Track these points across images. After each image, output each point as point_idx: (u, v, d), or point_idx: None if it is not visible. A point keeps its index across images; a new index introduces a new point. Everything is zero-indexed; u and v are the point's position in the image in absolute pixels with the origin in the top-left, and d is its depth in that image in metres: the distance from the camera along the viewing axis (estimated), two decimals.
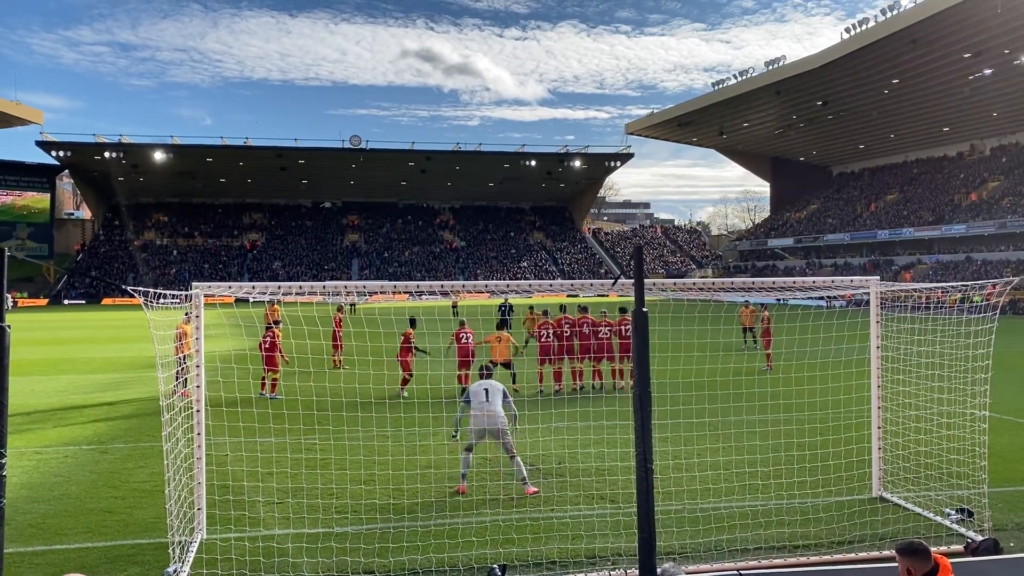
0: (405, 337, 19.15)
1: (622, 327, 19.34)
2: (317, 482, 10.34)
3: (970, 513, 8.85)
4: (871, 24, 63.48)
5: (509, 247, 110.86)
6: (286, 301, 11.05)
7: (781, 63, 75.37)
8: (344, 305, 24.51)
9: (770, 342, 22.93)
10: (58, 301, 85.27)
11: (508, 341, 19.02)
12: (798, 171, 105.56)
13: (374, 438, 12.40)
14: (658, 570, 5.55)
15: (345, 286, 9.13)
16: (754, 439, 12.95)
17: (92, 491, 10.66)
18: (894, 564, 4.77)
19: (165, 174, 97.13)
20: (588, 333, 19.22)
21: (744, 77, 79.78)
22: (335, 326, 23.72)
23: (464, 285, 9.19)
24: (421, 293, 9.28)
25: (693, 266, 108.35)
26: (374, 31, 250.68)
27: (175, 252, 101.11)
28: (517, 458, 10.55)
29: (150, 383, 19.84)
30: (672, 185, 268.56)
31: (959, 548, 8.10)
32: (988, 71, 63.62)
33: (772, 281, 9.72)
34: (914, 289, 10.96)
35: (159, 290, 8.05)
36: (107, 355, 29.36)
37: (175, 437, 8.00)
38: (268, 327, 18.91)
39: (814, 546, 8.34)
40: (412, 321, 20.12)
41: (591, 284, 9.37)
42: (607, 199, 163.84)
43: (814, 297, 22.10)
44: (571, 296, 19.77)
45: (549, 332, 19.27)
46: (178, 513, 7.72)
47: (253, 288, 9.02)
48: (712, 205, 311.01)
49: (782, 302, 38.63)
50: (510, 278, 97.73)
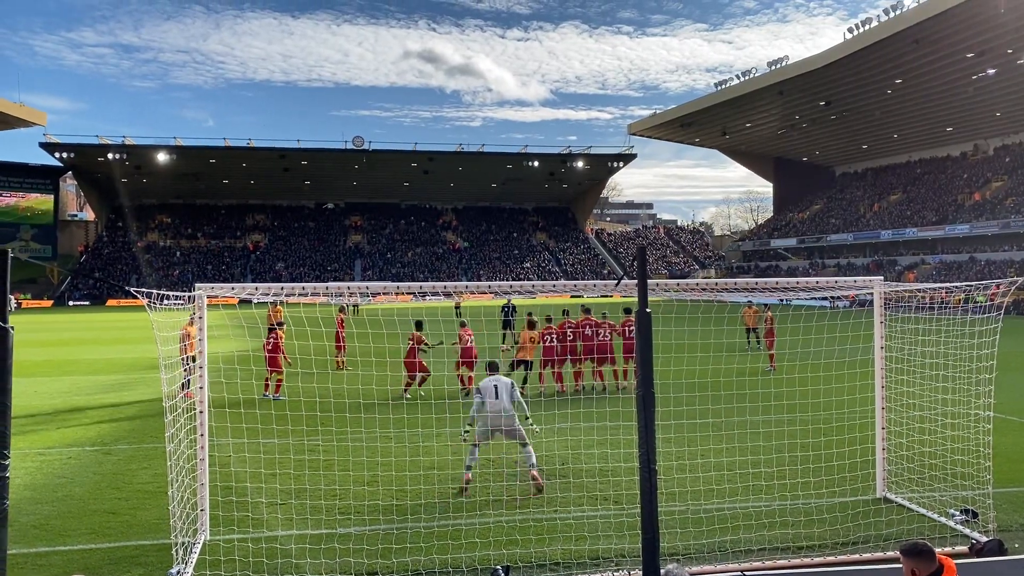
0: (414, 340, 18.87)
1: (626, 328, 19.39)
2: (320, 483, 10.34)
3: (974, 514, 8.83)
4: (874, 24, 63.42)
5: (512, 248, 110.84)
6: (289, 302, 11.05)
7: (784, 63, 75.33)
8: (347, 306, 24.53)
9: (773, 343, 22.90)
10: (63, 302, 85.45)
11: (537, 343, 19.13)
12: (801, 171, 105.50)
13: (377, 439, 12.42)
14: (662, 571, 5.55)
15: (348, 287, 9.13)
16: (758, 440, 12.94)
17: (95, 492, 10.67)
18: (898, 565, 4.76)
19: (168, 175, 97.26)
20: (591, 335, 19.24)
21: (747, 77, 79.75)
22: (337, 327, 23.68)
23: (467, 286, 9.18)
24: (424, 294, 9.27)
25: (696, 267, 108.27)
26: (376, 32, 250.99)
27: (178, 253, 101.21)
28: (529, 447, 10.69)
29: (153, 384, 19.86)
30: (675, 186, 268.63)
31: (964, 549, 8.09)
32: (991, 71, 63.53)
33: (775, 281, 9.71)
34: (918, 289, 10.94)
35: (162, 291, 8.06)
36: (110, 356, 29.39)
37: (178, 438, 8.01)
38: (271, 328, 18.90)
39: (818, 547, 8.33)
40: (419, 324, 19.86)
41: (595, 285, 9.36)
42: (610, 200, 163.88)
43: (817, 297, 22.06)
44: (575, 296, 19.70)
45: (552, 337, 19.28)
46: (181, 514, 7.73)
47: (256, 289, 9.02)
48: (715, 205, 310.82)
49: (785, 302, 38.59)
50: (513, 279, 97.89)
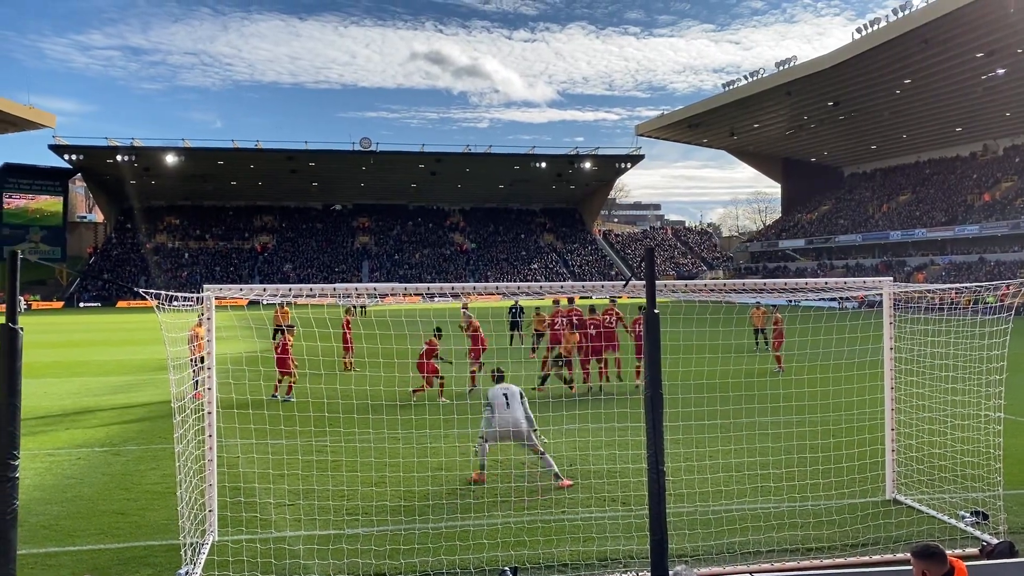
0: (429, 346, 18.50)
1: (637, 326, 19.39)
2: (328, 484, 10.35)
3: (985, 516, 8.79)
4: (882, 24, 63.25)
5: (519, 249, 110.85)
6: (297, 304, 11.07)
7: (792, 64, 75.19)
8: (354, 307, 24.50)
9: (781, 344, 22.83)
10: (73, 304, 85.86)
11: (575, 341, 19.13)
12: (809, 172, 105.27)
13: (385, 440, 12.42)
14: (670, 573, 5.53)
15: (356, 288, 9.14)
16: (766, 441, 12.90)
17: (104, 493, 10.70)
18: (908, 567, 4.74)
19: (177, 177, 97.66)
20: (597, 334, 19.24)
21: (755, 78, 79.64)
22: (344, 328, 23.60)
23: (475, 287, 9.18)
24: (432, 295, 9.27)
25: (704, 268, 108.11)
26: (383, 34, 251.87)
27: (186, 255, 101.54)
28: (546, 455, 10.85)
29: (162, 385, 19.91)
30: (682, 186, 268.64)
31: (974, 551, 8.04)
32: (1001, 71, 63.27)
33: (784, 282, 9.67)
34: (928, 290, 10.89)
35: (171, 293, 8.09)
36: (120, 357, 29.49)
37: (187, 439, 8.02)
38: (280, 329, 18.88)
39: (827, 549, 8.29)
40: (438, 331, 19.59)
41: (602, 286, 9.35)
42: (617, 201, 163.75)
43: (826, 298, 22.00)
44: (584, 298, 19.71)
45: (561, 321, 19.43)
46: (190, 515, 7.74)
47: (264, 291, 9.03)
48: (723, 206, 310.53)
49: (794, 303, 38.50)
50: (520, 280, 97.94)
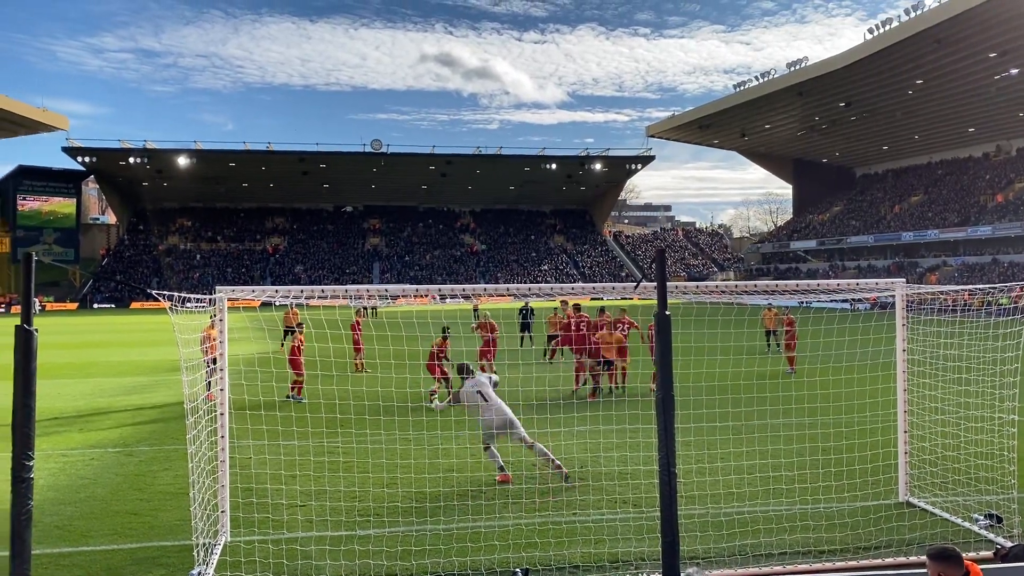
0: (436, 346, 18.17)
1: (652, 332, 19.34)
2: (340, 485, 10.38)
3: (999, 518, 8.74)
4: (894, 24, 62.95)
5: (530, 250, 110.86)
6: (310, 305, 11.11)
7: (803, 64, 74.94)
8: (365, 308, 24.51)
9: (793, 345, 22.72)
10: (87, 305, 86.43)
11: (620, 343, 19.06)
12: (821, 173, 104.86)
13: (396, 441, 12.44)
14: (682, 575, 5.53)
15: (367, 290, 9.16)
16: (778, 443, 12.84)
17: (117, 493, 10.76)
18: (921, 570, 4.72)
19: (189, 179, 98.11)
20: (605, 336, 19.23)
21: (766, 79, 79.41)
22: (354, 329, 23.57)
23: (485, 288, 9.20)
24: (443, 297, 9.29)
25: (715, 269, 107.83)
26: (393, 36, 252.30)
27: (198, 256, 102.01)
28: (538, 444, 10.74)
29: (175, 386, 20.01)
30: (693, 188, 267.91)
31: (988, 554, 7.99)
32: (1014, 71, 62.85)
33: (795, 284, 9.64)
34: (940, 291, 10.84)
35: (183, 294, 8.13)
36: (133, 358, 29.64)
37: (199, 440, 8.05)
38: (291, 330, 18.92)
39: (839, 551, 8.25)
40: (445, 330, 19.48)
41: (613, 287, 9.34)
42: (628, 202, 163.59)
43: (838, 300, 21.89)
44: (595, 299, 19.69)
45: (572, 324, 19.49)
46: (202, 515, 7.77)
47: (276, 292, 9.07)
48: (733, 207, 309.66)
49: (805, 305, 38.35)
50: (531, 281, 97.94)
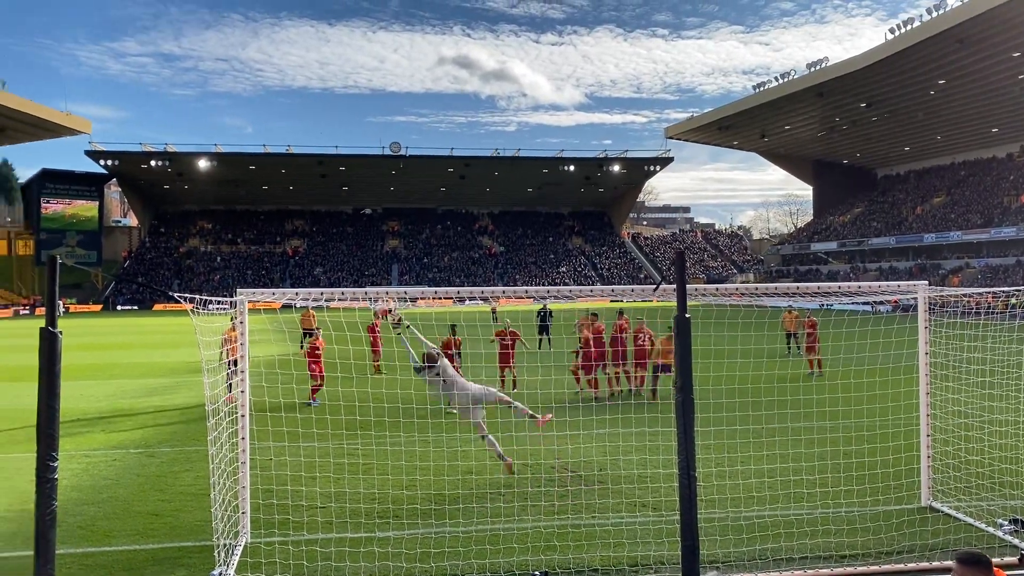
0: (445, 346, 18.55)
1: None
2: (359, 487, 10.40)
3: (1023, 524, 8.63)
4: (916, 24, 62.41)
5: (548, 252, 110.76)
6: (329, 308, 11.16)
7: (823, 65, 74.46)
8: (388, 311, 24.57)
9: (816, 348, 22.54)
10: (110, 307, 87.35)
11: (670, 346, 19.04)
12: (841, 174, 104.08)
13: (415, 443, 12.46)
14: None
15: (387, 292, 9.20)
16: (799, 447, 12.74)
17: (139, 494, 10.85)
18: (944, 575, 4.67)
19: (209, 182, 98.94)
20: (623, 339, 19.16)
21: (786, 79, 78.98)
22: (372, 331, 23.58)
23: (504, 290, 9.20)
24: (462, 299, 9.31)
25: (735, 271, 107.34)
26: (411, 39, 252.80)
27: (219, 259, 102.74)
28: (488, 435, 11.15)
29: (196, 388, 20.16)
30: (712, 189, 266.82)
31: (1013, 560, 7.89)
32: None
33: (816, 286, 9.58)
34: (963, 294, 10.72)
35: (205, 296, 8.19)
36: (154, 360, 29.88)
37: (220, 442, 8.11)
38: (310, 332, 19.00)
39: (860, 556, 8.18)
40: (452, 329, 19.61)
41: (632, 289, 9.32)
42: (646, 203, 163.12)
43: (859, 302, 21.72)
44: (614, 301, 19.69)
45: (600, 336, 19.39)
46: (223, 516, 7.82)
47: (296, 295, 9.12)
48: (753, 209, 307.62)
49: (826, 307, 38.06)
50: (549, 284, 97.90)
